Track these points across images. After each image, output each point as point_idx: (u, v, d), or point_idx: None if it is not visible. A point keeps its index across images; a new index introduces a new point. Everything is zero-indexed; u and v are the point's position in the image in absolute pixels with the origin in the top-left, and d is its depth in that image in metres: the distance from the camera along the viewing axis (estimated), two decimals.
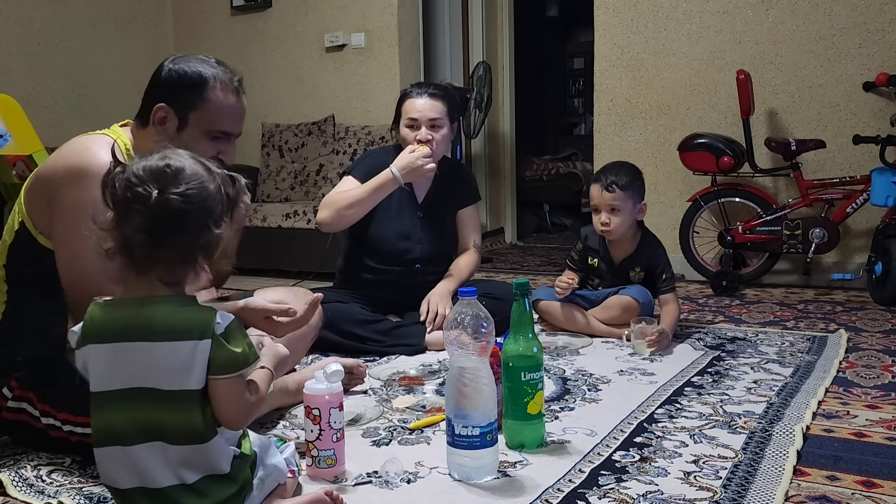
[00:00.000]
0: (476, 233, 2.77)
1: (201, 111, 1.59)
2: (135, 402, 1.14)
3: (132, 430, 1.14)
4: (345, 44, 4.87)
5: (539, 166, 6.33)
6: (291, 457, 1.34)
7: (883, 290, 3.11)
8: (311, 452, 1.44)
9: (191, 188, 1.15)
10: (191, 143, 1.56)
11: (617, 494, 1.37)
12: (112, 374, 1.16)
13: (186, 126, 1.59)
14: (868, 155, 3.43)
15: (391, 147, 2.75)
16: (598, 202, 2.60)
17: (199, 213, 1.15)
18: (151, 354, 1.14)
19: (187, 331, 1.14)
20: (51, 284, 1.54)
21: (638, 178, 2.63)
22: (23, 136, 3.42)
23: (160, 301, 1.17)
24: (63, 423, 1.52)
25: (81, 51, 4.85)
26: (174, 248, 1.15)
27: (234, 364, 1.16)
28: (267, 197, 4.84)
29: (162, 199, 1.12)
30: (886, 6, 3.45)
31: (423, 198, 2.68)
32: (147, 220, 1.12)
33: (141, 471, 1.14)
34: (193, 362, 1.13)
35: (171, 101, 1.58)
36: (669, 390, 1.99)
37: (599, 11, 4.06)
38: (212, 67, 1.61)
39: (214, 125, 1.60)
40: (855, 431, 1.68)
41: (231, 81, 1.62)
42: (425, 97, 2.57)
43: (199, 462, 1.16)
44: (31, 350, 1.57)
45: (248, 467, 1.23)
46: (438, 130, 2.56)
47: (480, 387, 1.43)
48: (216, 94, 1.59)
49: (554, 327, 2.69)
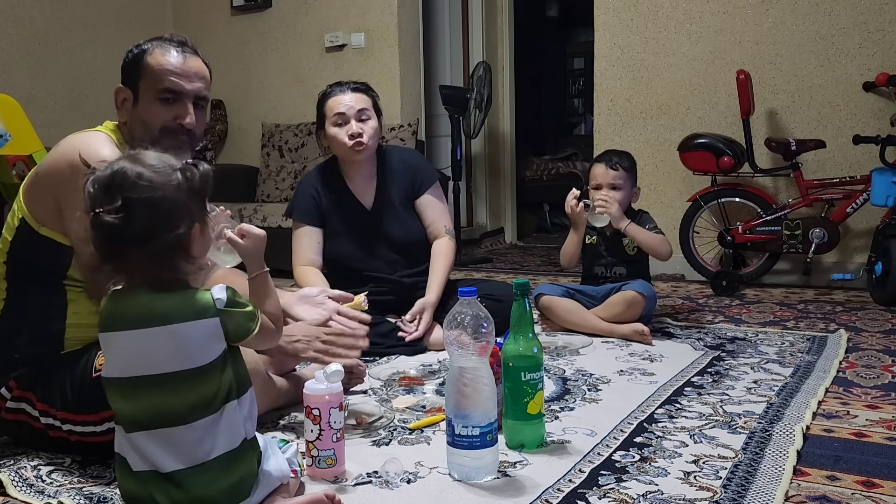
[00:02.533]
0: (444, 216, 2.64)
1: (145, 78, 1.62)
2: (146, 389, 1.18)
3: (150, 415, 1.18)
4: (345, 44, 4.87)
5: (539, 166, 6.33)
6: (293, 457, 1.34)
7: (883, 290, 3.11)
8: (311, 452, 1.45)
9: (137, 196, 1.16)
10: (145, 114, 1.62)
11: (617, 494, 1.37)
12: (128, 361, 1.19)
13: (139, 98, 1.63)
14: (868, 155, 3.43)
15: (320, 167, 2.65)
16: (601, 179, 2.70)
17: (149, 220, 1.16)
18: (156, 338, 1.17)
19: (187, 312, 1.18)
20: (52, 279, 1.56)
21: (635, 164, 2.81)
22: (23, 136, 3.42)
23: (157, 288, 1.20)
24: (63, 423, 1.52)
25: (81, 51, 4.86)
26: (137, 258, 1.18)
27: (249, 321, 1.26)
28: (267, 197, 4.84)
29: (100, 221, 1.16)
30: (886, 6, 3.45)
31: (371, 203, 2.59)
32: (98, 237, 1.17)
33: (163, 453, 1.17)
34: (200, 341, 1.19)
35: (124, 79, 1.65)
36: (669, 390, 1.99)
37: (599, 11, 4.06)
38: (157, 38, 1.67)
39: (157, 85, 1.62)
40: (855, 431, 1.68)
41: (171, 43, 1.65)
42: (349, 92, 2.51)
43: (209, 440, 1.18)
44: (29, 346, 1.57)
45: (256, 458, 1.24)
46: (367, 122, 2.49)
47: (480, 387, 1.43)
48: (154, 56, 1.63)
49: (555, 325, 2.69)
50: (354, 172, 2.59)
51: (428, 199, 2.62)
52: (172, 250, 1.19)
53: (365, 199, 2.60)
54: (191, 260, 1.22)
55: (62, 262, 1.55)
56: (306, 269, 2.50)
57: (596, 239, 2.78)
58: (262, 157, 4.95)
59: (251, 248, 1.36)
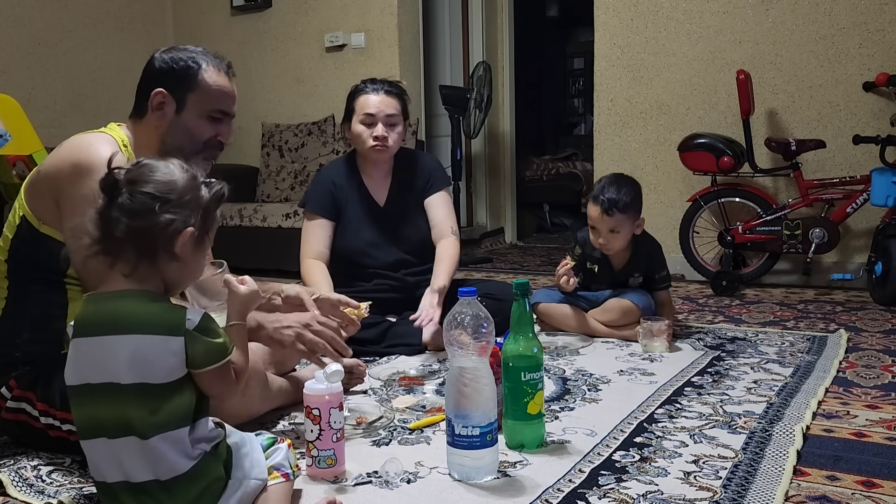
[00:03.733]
0: (451, 218, 2.64)
1: (198, 92, 1.65)
2: (107, 396, 1.15)
3: (112, 424, 1.15)
4: (345, 44, 4.87)
5: (539, 166, 6.33)
6: (285, 459, 1.31)
7: (883, 290, 3.11)
8: (311, 452, 1.44)
9: (154, 184, 1.19)
10: (191, 125, 1.65)
11: (617, 494, 1.37)
12: (87, 368, 1.18)
13: (185, 108, 1.65)
14: (868, 155, 3.43)
15: (341, 160, 2.68)
16: (597, 224, 2.52)
17: (151, 199, 1.18)
18: (116, 347, 1.15)
19: (153, 326, 1.16)
20: (53, 277, 1.56)
21: (638, 195, 2.54)
22: (23, 136, 3.42)
23: (129, 295, 1.19)
24: (62, 423, 1.52)
25: (81, 51, 4.86)
26: (124, 233, 1.18)
27: (216, 354, 1.19)
28: (267, 197, 4.84)
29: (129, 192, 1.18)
30: (886, 6, 3.45)
31: (384, 200, 2.62)
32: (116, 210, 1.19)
33: (121, 464, 1.15)
34: (159, 358, 1.15)
35: (168, 86, 1.64)
36: (669, 390, 1.99)
37: (599, 11, 4.06)
38: (202, 53, 1.69)
39: (213, 104, 1.67)
40: (855, 431, 1.68)
41: (222, 64, 1.71)
42: (381, 93, 2.52)
43: (160, 459, 1.15)
44: (30, 346, 1.58)
45: (221, 464, 1.21)
46: (394, 129, 2.51)
47: (480, 387, 1.43)
48: (211, 75, 1.67)
49: (554, 328, 2.69)
50: (372, 169, 2.62)
51: (436, 200, 2.64)
52: (157, 236, 1.18)
53: (379, 196, 2.62)
54: (172, 257, 1.20)
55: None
56: (313, 265, 2.50)
57: (597, 268, 2.65)
58: (262, 157, 4.95)
59: (244, 297, 1.34)
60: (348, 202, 2.59)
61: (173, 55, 1.67)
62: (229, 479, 1.21)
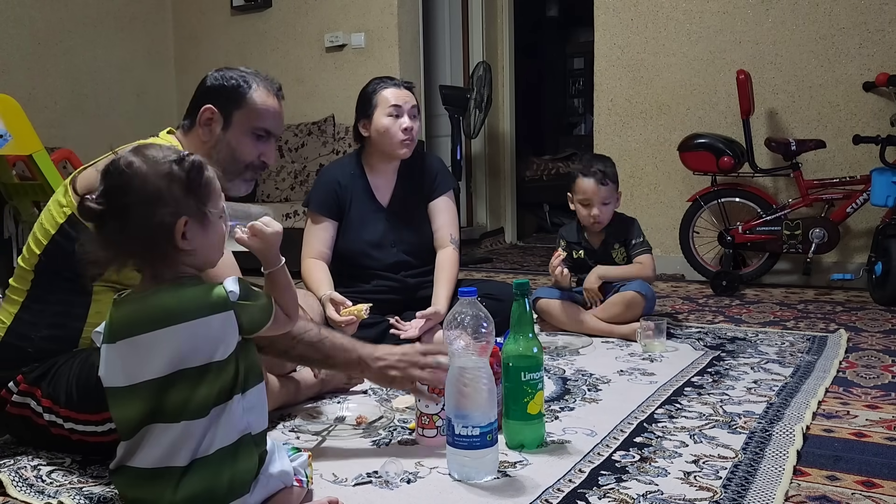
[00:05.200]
0: (452, 226, 2.61)
1: (245, 110, 1.70)
2: (163, 388, 1.18)
3: (172, 409, 1.18)
4: (345, 44, 4.87)
5: (539, 166, 6.33)
6: (301, 466, 1.33)
7: (883, 290, 3.11)
8: (436, 423, 1.59)
9: (119, 182, 1.21)
10: (235, 143, 1.70)
11: (617, 494, 1.37)
12: (136, 367, 1.19)
13: (231, 125, 1.70)
14: (868, 155, 3.43)
15: (348, 158, 2.67)
16: (592, 196, 2.64)
17: (124, 199, 1.19)
18: (173, 337, 1.18)
19: (196, 310, 1.19)
20: (82, 279, 1.54)
21: (615, 167, 2.74)
22: (23, 136, 3.42)
23: (165, 289, 1.21)
24: (65, 421, 1.52)
25: (81, 51, 4.86)
26: (121, 238, 1.20)
27: (265, 313, 1.26)
28: (267, 197, 4.84)
29: (84, 206, 1.20)
30: (886, 6, 3.45)
31: (388, 200, 2.60)
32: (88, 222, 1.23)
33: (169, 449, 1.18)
34: (211, 338, 1.19)
35: (217, 103, 1.69)
36: (669, 390, 1.99)
37: (599, 11, 4.06)
38: (254, 74, 1.75)
39: (258, 122, 1.71)
40: (855, 431, 1.68)
41: (272, 86, 1.76)
42: (402, 88, 2.53)
43: (212, 433, 1.19)
44: (44, 342, 1.57)
45: (258, 455, 1.24)
46: (416, 120, 2.52)
47: (480, 387, 1.43)
48: (259, 94, 1.72)
49: (554, 327, 2.69)
50: (379, 168, 2.59)
51: (439, 204, 2.62)
52: (158, 238, 1.20)
53: (383, 196, 2.61)
54: (181, 252, 1.22)
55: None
56: (314, 265, 2.50)
57: (583, 254, 2.76)
58: None
59: (262, 247, 1.33)
60: (352, 202, 2.58)
61: (225, 73, 1.73)
62: (259, 474, 1.24)
